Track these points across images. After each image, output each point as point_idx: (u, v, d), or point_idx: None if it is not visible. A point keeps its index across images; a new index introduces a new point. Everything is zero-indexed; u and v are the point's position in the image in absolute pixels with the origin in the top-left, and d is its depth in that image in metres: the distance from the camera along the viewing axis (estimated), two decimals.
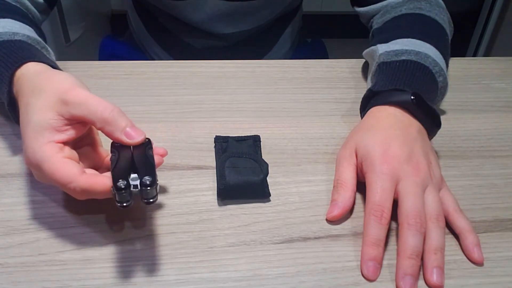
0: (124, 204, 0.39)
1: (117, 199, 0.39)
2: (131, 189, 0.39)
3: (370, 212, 0.46)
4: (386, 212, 0.46)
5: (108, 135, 0.42)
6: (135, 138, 0.42)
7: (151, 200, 0.39)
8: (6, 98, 0.48)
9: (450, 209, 0.48)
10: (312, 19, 1.77)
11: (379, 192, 0.46)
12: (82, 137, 0.46)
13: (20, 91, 0.46)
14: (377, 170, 0.47)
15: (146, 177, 0.39)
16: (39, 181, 0.45)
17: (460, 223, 0.47)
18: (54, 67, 0.50)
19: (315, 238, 0.47)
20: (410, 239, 0.44)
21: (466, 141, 0.59)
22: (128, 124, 0.42)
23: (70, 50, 1.46)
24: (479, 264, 0.45)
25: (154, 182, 0.39)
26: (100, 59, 1.00)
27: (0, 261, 0.43)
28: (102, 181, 0.41)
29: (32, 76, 0.47)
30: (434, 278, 0.43)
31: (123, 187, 0.38)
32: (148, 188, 0.39)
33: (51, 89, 0.43)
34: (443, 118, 0.55)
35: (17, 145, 0.54)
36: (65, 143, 0.43)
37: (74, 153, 0.43)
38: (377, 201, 0.46)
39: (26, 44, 0.52)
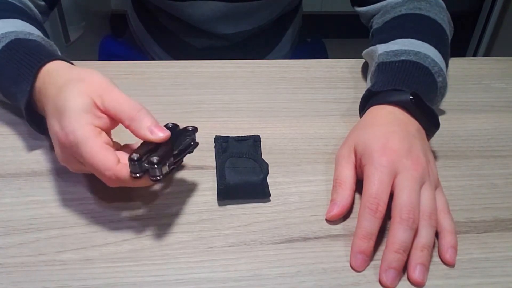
0: (136, 175, 0.42)
1: (130, 169, 0.42)
2: (142, 163, 0.42)
3: (366, 204, 0.45)
4: (382, 205, 0.45)
5: (134, 132, 0.44)
6: (159, 135, 0.43)
7: (153, 178, 0.42)
8: (26, 96, 0.48)
9: (438, 209, 0.48)
10: (312, 19, 1.76)
11: (376, 184, 0.46)
12: None
13: (48, 84, 0.47)
14: (376, 162, 0.47)
15: (155, 156, 0.42)
16: (62, 163, 0.46)
17: (444, 222, 0.47)
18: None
19: (315, 238, 0.47)
20: (400, 233, 0.44)
21: (466, 141, 0.59)
22: (153, 123, 0.44)
23: (70, 50, 1.46)
24: (449, 265, 0.45)
25: (159, 163, 0.42)
26: (100, 59, 1.01)
27: (0, 261, 0.43)
28: None
29: (61, 71, 0.47)
30: (416, 274, 0.43)
31: (135, 158, 0.42)
32: (155, 166, 0.42)
33: (91, 78, 0.45)
34: (443, 118, 0.55)
35: (17, 145, 0.54)
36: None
37: (109, 140, 0.45)
38: (374, 193, 0.46)
39: (42, 45, 0.53)
